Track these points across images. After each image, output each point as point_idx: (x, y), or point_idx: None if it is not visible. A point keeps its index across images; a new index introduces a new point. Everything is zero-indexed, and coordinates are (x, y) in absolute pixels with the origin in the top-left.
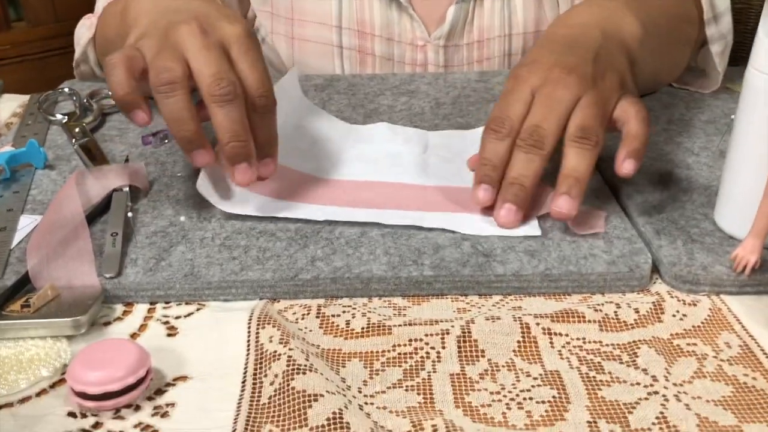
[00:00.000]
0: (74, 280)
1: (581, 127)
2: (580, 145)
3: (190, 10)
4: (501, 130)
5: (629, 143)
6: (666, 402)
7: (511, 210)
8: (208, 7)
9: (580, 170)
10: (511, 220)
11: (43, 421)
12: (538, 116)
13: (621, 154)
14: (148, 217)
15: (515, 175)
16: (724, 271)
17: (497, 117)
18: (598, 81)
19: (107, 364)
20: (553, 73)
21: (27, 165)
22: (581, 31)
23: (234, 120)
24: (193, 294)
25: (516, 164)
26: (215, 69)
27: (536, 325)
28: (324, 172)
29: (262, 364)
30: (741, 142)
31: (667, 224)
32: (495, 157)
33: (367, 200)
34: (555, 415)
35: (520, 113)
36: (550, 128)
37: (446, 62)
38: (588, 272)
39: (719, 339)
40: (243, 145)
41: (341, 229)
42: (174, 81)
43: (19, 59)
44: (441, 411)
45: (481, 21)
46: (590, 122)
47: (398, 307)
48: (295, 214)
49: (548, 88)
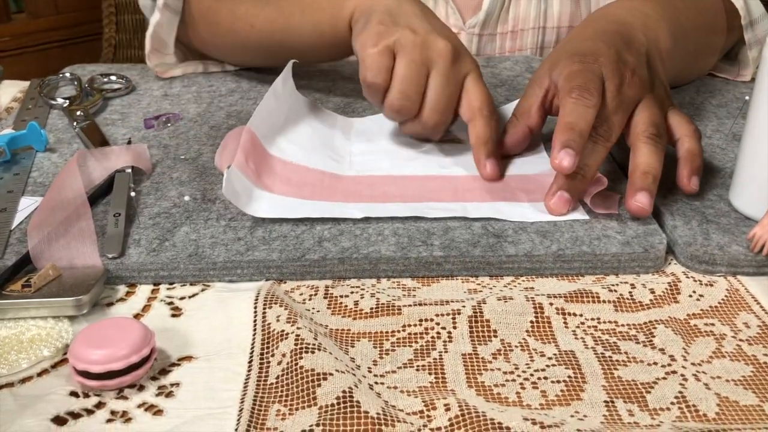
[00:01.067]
0: (76, 260)
1: (653, 124)
2: (654, 143)
3: (438, 27)
4: (590, 99)
5: (691, 160)
6: (685, 382)
7: (565, 199)
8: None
9: (656, 167)
10: (561, 209)
11: (44, 400)
12: (609, 107)
13: (684, 172)
14: (151, 199)
15: (579, 164)
16: (741, 251)
17: (583, 85)
18: (652, 88)
19: (110, 343)
20: (619, 69)
21: (28, 148)
22: (628, 31)
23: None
24: (198, 275)
25: (585, 155)
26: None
27: (549, 305)
28: (341, 169)
29: (270, 344)
30: (757, 121)
31: (682, 205)
32: (584, 124)
33: (399, 194)
34: (571, 395)
35: (601, 93)
36: (618, 123)
37: (479, 51)
38: (602, 253)
39: (737, 319)
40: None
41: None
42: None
43: (20, 51)
44: (453, 391)
45: (517, 11)
46: (659, 120)
47: (407, 288)
48: (330, 214)
49: (616, 82)
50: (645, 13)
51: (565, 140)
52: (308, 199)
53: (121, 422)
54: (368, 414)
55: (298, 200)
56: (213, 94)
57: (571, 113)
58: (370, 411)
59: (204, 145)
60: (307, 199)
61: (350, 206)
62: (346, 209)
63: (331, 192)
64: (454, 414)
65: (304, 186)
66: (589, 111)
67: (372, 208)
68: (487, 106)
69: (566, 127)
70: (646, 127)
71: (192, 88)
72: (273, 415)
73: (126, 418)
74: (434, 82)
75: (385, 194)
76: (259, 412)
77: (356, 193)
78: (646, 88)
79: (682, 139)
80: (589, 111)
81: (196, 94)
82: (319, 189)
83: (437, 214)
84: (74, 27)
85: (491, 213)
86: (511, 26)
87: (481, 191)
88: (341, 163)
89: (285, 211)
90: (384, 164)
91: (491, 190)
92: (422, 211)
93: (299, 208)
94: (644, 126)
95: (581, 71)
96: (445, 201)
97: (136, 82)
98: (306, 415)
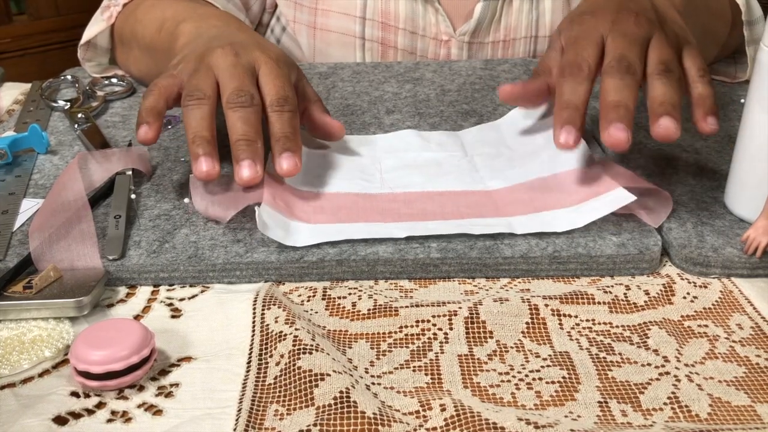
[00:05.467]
0: (77, 262)
1: (662, 61)
2: (665, 76)
3: (230, 38)
4: (580, 73)
5: (703, 103)
6: (678, 382)
7: (621, 128)
8: (249, 37)
9: (674, 97)
10: (621, 139)
11: (46, 400)
12: (620, 48)
13: (698, 114)
14: (151, 201)
15: (616, 98)
16: (735, 253)
17: (572, 61)
18: (662, 26)
19: (111, 343)
20: (621, 15)
21: (29, 150)
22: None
23: (245, 122)
24: (197, 276)
25: (611, 90)
26: (238, 84)
27: (545, 307)
28: (373, 188)
29: (268, 345)
30: (752, 122)
31: (677, 207)
32: (577, 99)
33: (439, 211)
34: (565, 396)
35: (596, 55)
36: (635, 58)
37: (469, 59)
38: (597, 255)
39: (731, 321)
40: (249, 143)
41: None
42: (202, 98)
43: (21, 53)
44: (449, 391)
45: (509, 20)
46: (670, 56)
47: (405, 289)
48: (372, 234)
49: (621, 26)
50: None
51: (563, 119)
52: (345, 223)
53: (121, 422)
54: (365, 414)
55: (336, 225)
56: None
57: (564, 92)
58: (366, 411)
59: None
60: (344, 223)
61: (391, 226)
62: (387, 229)
63: (367, 213)
64: (450, 414)
65: (339, 211)
66: (581, 86)
67: (414, 227)
68: (277, 101)
69: (562, 105)
70: (656, 65)
71: None
72: (271, 416)
73: (126, 418)
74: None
75: (424, 212)
76: (257, 412)
77: (393, 212)
78: (653, 26)
79: (691, 85)
80: (581, 86)
81: None
82: (355, 211)
83: (483, 231)
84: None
85: (538, 227)
86: (502, 35)
87: (520, 204)
88: (372, 182)
89: (325, 236)
90: (417, 179)
91: (531, 201)
92: (467, 228)
93: (339, 233)
94: (654, 64)
95: (577, 38)
96: (488, 216)
97: (137, 84)
98: (303, 416)
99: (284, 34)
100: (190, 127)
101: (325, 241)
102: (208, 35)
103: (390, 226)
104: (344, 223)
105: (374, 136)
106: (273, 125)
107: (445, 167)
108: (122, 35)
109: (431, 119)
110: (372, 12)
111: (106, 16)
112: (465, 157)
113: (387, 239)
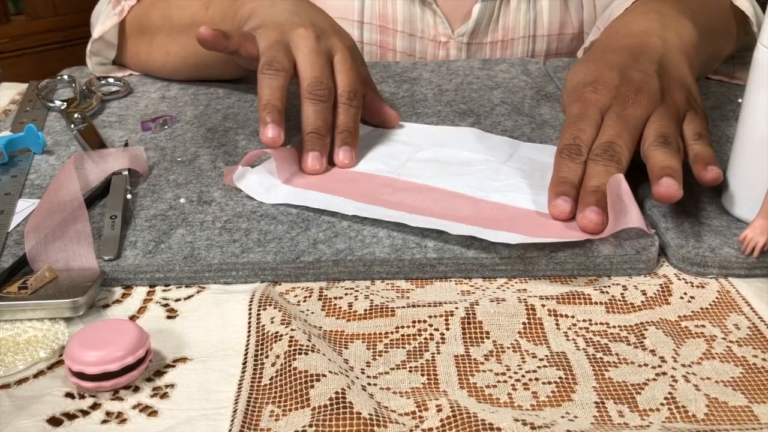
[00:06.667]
0: (72, 262)
1: (661, 134)
2: (666, 147)
3: (309, 16)
4: (578, 157)
5: (702, 158)
6: (675, 383)
7: (595, 211)
8: (325, 19)
9: (673, 163)
10: (595, 222)
11: (40, 401)
12: (611, 133)
13: (698, 167)
14: (147, 201)
15: (596, 184)
16: (733, 254)
17: (570, 144)
18: (666, 96)
19: (106, 344)
20: (621, 92)
21: (25, 150)
22: (641, 40)
23: (319, 116)
24: (193, 276)
25: (594, 176)
26: (318, 73)
27: (542, 307)
28: (385, 171)
29: (264, 345)
30: (748, 122)
31: (674, 207)
32: (573, 176)
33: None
34: (562, 396)
35: (593, 137)
36: (624, 144)
37: (467, 59)
38: (594, 254)
39: (728, 321)
40: (320, 137)
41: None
42: (280, 70)
43: (19, 53)
44: (445, 392)
45: (506, 20)
46: (669, 130)
47: (401, 289)
48: (339, 209)
49: (618, 108)
50: (663, 13)
51: (558, 191)
52: (329, 194)
53: (116, 423)
54: (361, 415)
55: (315, 194)
56: (210, 97)
57: (562, 170)
58: (362, 412)
59: (200, 147)
60: (327, 194)
61: (356, 204)
62: (345, 205)
63: (352, 190)
64: (446, 415)
65: (328, 183)
66: (579, 166)
67: (372, 210)
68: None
69: (560, 180)
70: (655, 138)
71: (189, 90)
72: (266, 416)
73: (121, 419)
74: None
75: (402, 203)
76: (252, 413)
77: (376, 197)
78: (654, 101)
79: (688, 146)
80: (579, 166)
81: (193, 96)
82: (344, 187)
83: (423, 225)
84: (73, 29)
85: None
86: (500, 36)
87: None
88: (389, 166)
89: (299, 200)
90: (428, 173)
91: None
92: (410, 220)
93: (311, 200)
94: (653, 137)
95: (578, 118)
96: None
97: (134, 84)
98: (299, 416)
99: None
100: (263, 94)
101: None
102: (284, 7)
103: (357, 204)
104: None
105: (437, 127)
106: (339, 116)
107: (467, 169)
108: (143, 24)
109: (428, 119)
110: (370, 15)
111: (117, 11)
112: (498, 163)
113: (383, 240)
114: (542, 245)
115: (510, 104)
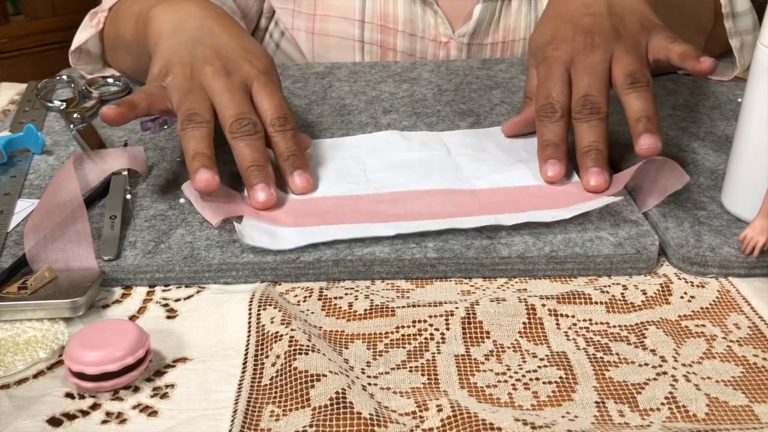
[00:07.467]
0: (72, 262)
1: (628, 74)
2: (635, 89)
3: (213, 46)
4: (554, 115)
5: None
6: (675, 382)
7: (597, 172)
8: (231, 40)
9: (647, 109)
10: (600, 182)
11: (40, 402)
12: (583, 87)
13: (691, 61)
14: (147, 201)
15: (586, 143)
16: (733, 253)
17: (545, 104)
18: (620, 30)
19: (106, 344)
20: (578, 41)
21: (25, 150)
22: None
23: (253, 148)
24: (193, 276)
25: (582, 135)
26: (237, 110)
27: (542, 307)
28: (359, 189)
29: (264, 345)
30: (749, 121)
31: (674, 207)
32: (555, 137)
33: (426, 211)
34: (562, 396)
35: (564, 92)
36: (599, 92)
37: (467, 59)
38: (594, 254)
39: (728, 320)
40: (260, 167)
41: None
42: (201, 122)
43: (17, 53)
44: (446, 392)
45: (507, 21)
46: (633, 66)
47: (401, 289)
48: (360, 234)
49: (579, 58)
50: None
51: (546, 155)
52: (334, 224)
53: (116, 423)
54: (361, 415)
55: (323, 227)
56: None
57: (543, 133)
58: (363, 412)
59: None
60: (333, 224)
61: (378, 226)
62: (375, 229)
63: (355, 214)
64: (446, 415)
65: (327, 214)
66: (557, 124)
67: (402, 226)
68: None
69: (544, 144)
70: (623, 80)
71: None
72: (267, 416)
73: (121, 419)
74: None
75: (411, 211)
76: (252, 413)
77: (380, 213)
78: (610, 40)
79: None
80: (557, 124)
81: None
82: (342, 213)
83: (471, 225)
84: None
85: (526, 219)
86: (501, 37)
87: (505, 204)
88: (357, 184)
89: (313, 238)
90: (402, 179)
91: (515, 202)
92: (456, 224)
93: (327, 234)
94: (620, 79)
95: (545, 78)
96: (475, 215)
97: (133, 84)
98: (299, 416)
99: (283, 38)
100: (189, 147)
101: (316, 242)
102: (187, 36)
103: (378, 226)
104: (331, 224)
105: (355, 137)
106: (278, 145)
107: (430, 166)
108: (109, 39)
109: (428, 119)
110: (371, 15)
111: (94, 23)
112: (449, 157)
113: (383, 239)
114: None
115: (510, 104)
